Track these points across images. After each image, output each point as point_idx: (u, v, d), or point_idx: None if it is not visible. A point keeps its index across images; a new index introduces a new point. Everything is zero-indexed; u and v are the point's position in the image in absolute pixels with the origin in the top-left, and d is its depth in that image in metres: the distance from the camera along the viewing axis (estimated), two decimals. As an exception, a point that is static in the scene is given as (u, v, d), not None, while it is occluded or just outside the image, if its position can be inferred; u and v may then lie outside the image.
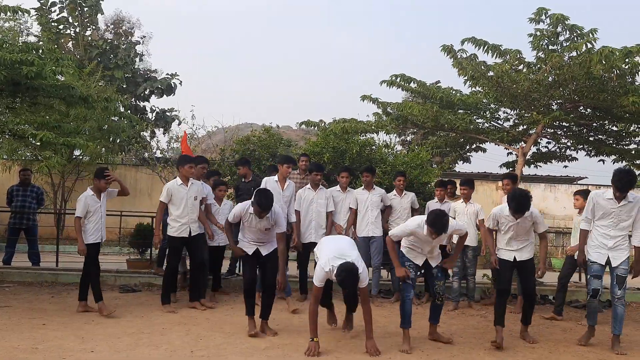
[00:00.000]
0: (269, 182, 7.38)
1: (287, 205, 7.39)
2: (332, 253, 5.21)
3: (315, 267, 5.52)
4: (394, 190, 8.10)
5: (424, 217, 5.53)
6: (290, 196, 7.51)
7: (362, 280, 5.11)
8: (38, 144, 9.38)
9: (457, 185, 8.02)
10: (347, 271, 4.98)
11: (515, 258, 5.88)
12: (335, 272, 5.03)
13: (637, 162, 10.04)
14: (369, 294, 5.53)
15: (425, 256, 5.64)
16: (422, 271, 5.77)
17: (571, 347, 5.82)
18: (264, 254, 5.98)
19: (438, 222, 5.25)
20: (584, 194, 7.23)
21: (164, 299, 7.02)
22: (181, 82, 24.03)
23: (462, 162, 17.50)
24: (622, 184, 5.42)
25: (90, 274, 6.77)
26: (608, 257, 5.62)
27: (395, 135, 23.29)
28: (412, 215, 7.86)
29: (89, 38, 22.96)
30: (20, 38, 15.98)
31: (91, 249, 6.75)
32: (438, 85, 13.71)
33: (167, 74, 23.94)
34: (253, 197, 5.67)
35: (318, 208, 7.59)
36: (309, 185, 7.72)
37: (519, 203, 5.54)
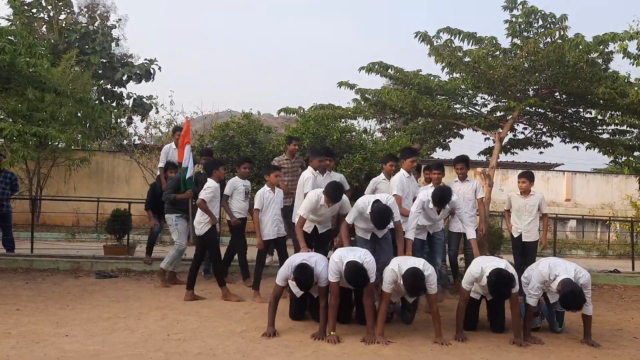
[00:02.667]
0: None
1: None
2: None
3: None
4: (455, 177, 7.87)
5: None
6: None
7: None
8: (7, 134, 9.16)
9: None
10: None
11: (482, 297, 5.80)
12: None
13: (608, 148, 10.18)
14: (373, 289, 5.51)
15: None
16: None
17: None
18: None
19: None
20: (529, 176, 7.39)
21: None
22: (160, 67, 23.69)
23: (441, 149, 17.61)
24: None
25: (260, 267, 6.84)
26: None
27: (375, 122, 23.42)
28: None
29: (64, 22, 22.46)
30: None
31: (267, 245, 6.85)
32: (418, 72, 13.71)
33: (146, 60, 23.55)
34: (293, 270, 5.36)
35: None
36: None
37: None
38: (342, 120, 12.19)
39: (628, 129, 9.98)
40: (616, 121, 9.75)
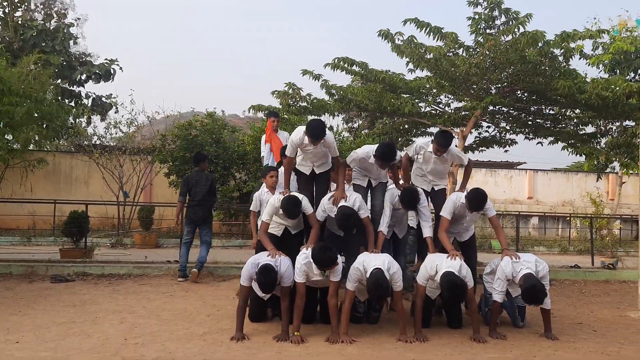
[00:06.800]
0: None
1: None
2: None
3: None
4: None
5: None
6: None
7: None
8: None
9: None
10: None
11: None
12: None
13: (572, 141, 10.34)
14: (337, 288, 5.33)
15: None
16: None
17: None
18: None
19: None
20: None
21: None
22: (121, 68, 23.05)
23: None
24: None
25: None
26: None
27: (342, 121, 23.43)
28: None
29: (19, 19, 21.66)
30: None
31: None
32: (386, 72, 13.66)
33: (106, 60, 22.87)
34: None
35: None
36: None
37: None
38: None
39: (588, 120, 10.16)
40: (577, 117, 9.97)
